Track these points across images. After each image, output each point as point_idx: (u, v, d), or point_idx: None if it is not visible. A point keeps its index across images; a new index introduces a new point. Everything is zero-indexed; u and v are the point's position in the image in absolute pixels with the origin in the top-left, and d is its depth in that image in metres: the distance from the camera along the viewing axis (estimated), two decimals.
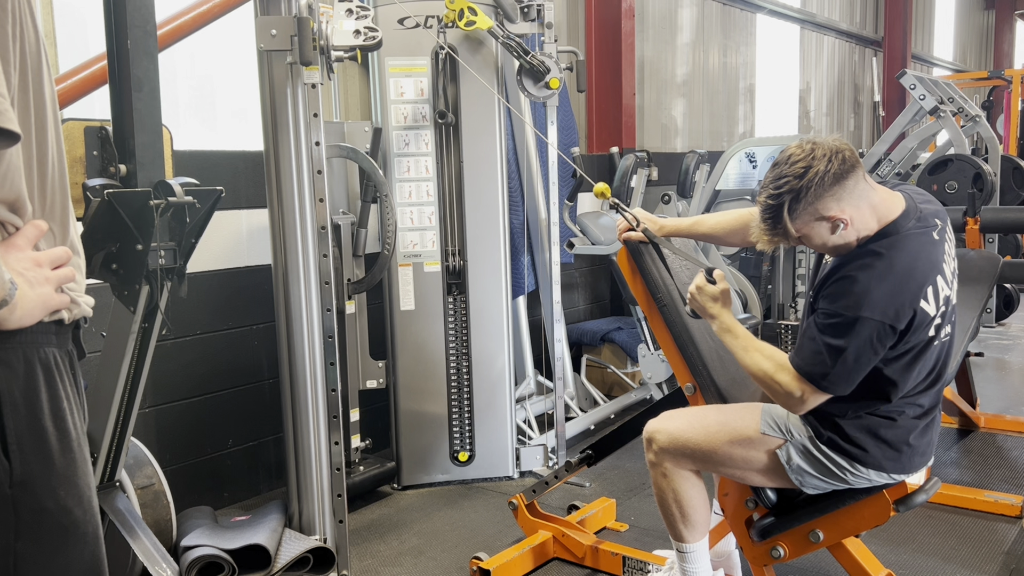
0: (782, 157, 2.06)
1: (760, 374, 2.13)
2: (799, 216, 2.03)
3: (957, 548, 3.01)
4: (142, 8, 2.20)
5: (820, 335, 2.02)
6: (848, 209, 2.01)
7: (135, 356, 2.39)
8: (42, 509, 1.16)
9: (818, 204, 2.00)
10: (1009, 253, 6.37)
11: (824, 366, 2.01)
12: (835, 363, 2.00)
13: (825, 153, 2.00)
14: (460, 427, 3.75)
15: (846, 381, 2.03)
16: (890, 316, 1.96)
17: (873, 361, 2.01)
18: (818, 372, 2.03)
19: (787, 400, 2.10)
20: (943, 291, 2.04)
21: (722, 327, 2.24)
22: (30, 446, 1.14)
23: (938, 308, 2.03)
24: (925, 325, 2.01)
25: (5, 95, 1.04)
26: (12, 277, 1.08)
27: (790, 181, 2.01)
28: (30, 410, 1.14)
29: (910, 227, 2.04)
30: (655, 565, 2.71)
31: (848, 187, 2.01)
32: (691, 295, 2.28)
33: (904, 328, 1.98)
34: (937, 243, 2.07)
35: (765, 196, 2.06)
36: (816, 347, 2.03)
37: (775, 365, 2.10)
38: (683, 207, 5.41)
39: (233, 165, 3.50)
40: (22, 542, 1.14)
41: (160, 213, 2.16)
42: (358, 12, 2.75)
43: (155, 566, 2.41)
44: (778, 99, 8.90)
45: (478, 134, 3.64)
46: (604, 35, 5.82)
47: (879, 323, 1.96)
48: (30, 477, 1.14)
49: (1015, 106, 9.56)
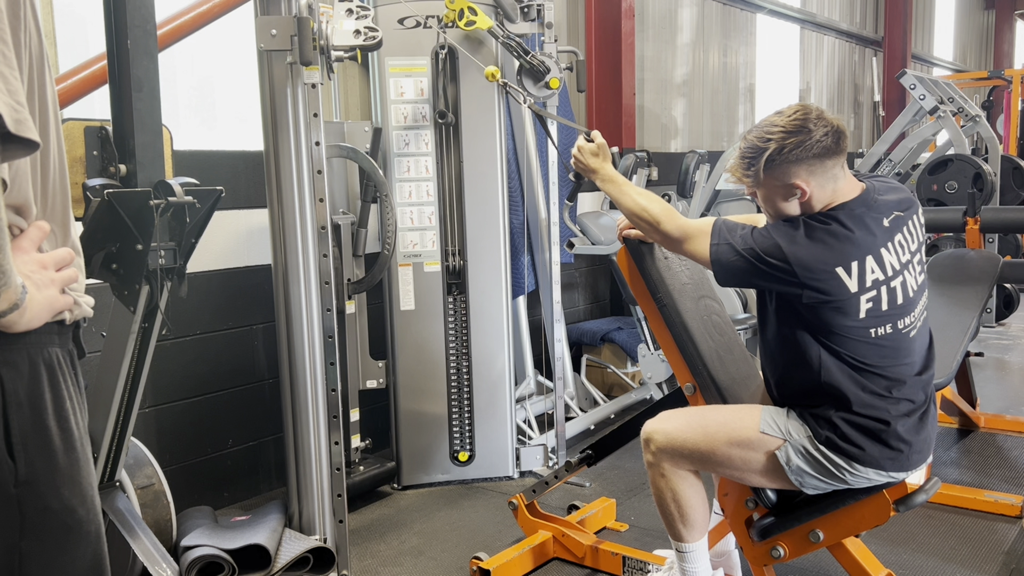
0: (787, 108, 2.12)
1: (637, 209, 2.28)
2: (774, 168, 2.08)
3: (957, 548, 3.01)
4: (142, 8, 2.21)
5: (752, 237, 2.10)
6: (813, 184, 2.08)
7: (135, 356, 2.39)
8: (46, 508, 1.17)
9: (793, 167, 2.06)
10: (1009, 253, 6.38)
11: (733, 253, 2.11)
12: (741, 259, 2.09)
13: (827, 125, 2.07)
14: (460, 427, 3.75)
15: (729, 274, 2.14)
16: (805, 273, 2.02)
17: (748, 282, 2.14)
18: (726, 245, 2.13)
19: (664, 237, 2.26)
20: (872, 273, 2.05)
21: (603, 178, 2.41)
22: (35, 446, 1.15)
23: (862, 287, 2.04)
24: (843, 299, 2.04)
25: (24, 104, 1.05)
26: (22, 281, 1.09)
27: (781, 133, 2.06)
28: (34, 410, 1.15)
29: (857, 211, 2.09)
30: (655, 565, 2.71)
31: (827, 166, 2.08)
32: (574, 156, 2.45)
33: (812, 287, 2.03)
34: (884, 230, 2.09)
35: (754, 135, 2.12)
36: (744, 235, 2.12)
37: (662, 208, 2.26)
38: (683, 207, 5.41)
39: (233, 165, 3.50)
40: (27, 541, 1.15)
41: (160, 213, 2.16)
42: (358, 12, 2.75)
43: (155, 566, 2.41)
44: (778, 99, 8.89)
45: (478, 134, 3.64)
46: (604, 35, 5.82)
47: (790, 270, 2.03)
48: (35, 477, 1.15)
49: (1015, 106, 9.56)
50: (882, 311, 2.08)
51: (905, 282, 2.11)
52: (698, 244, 2.18)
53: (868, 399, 2.11)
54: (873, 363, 2.10)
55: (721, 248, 2.14)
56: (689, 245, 2.21)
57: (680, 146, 7.03)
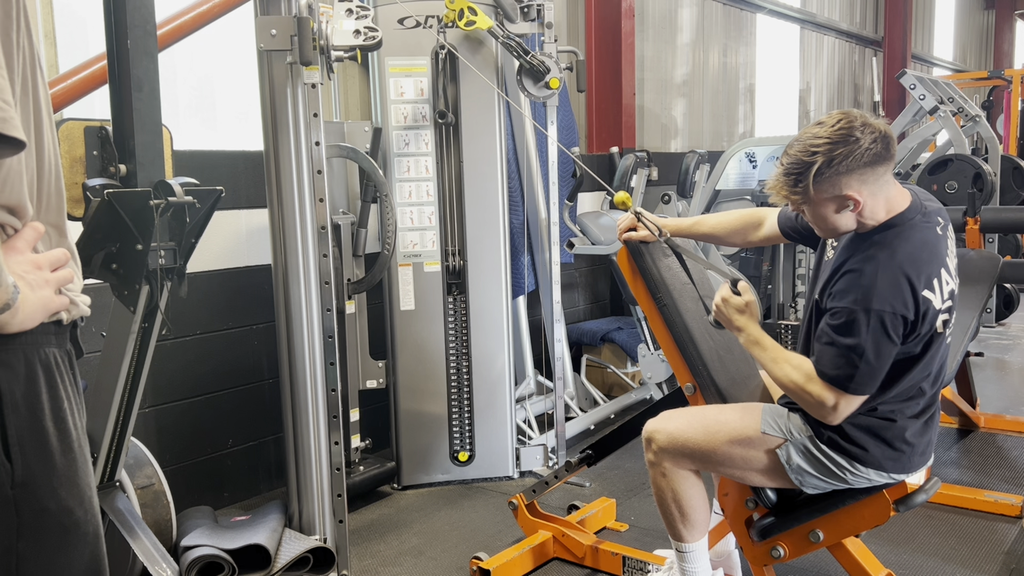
0: (828, 118, 2.01)
1: (791, 386, 2.10)
2: (823, 182, 1.98)
3: (957, 548, 3.00)
4: (142, 8, 2.20)
5: (836, 336, 1.99)
6: (866, 194, 1.99)
7: (135, 356, 2.39)
8: (43, 510, 1.16)
9: (845, 178, 1.97)
10: (1009, 253, 6.38)
11: (849, 367, 1.98)
12: (859, 363, 1.97)
13: (873, 131, 1.97)
14: (460, 427, 3.75)
15: (872, 378, 2.00)
16: (899, 306, 1.94)
17: (893, 352, 1.99)
18: (844, 375, 1.99)
19: (820, 411, 2.06)
20: (948, 284, 2.03)
21: (749, 339, 2.20)
22: (31, 447, 1.14)
23: (943, 300, 2.01)
24: (932, 316, 1.99)
25: (10, 103, 1.04)
26: (14, 281, 1.08)
27: (827, 144, 1.96)
28: (31, 411, 1.15)
29: (916, 220, 2.04)
30: (655, 565, 2.71)
31: (878, 173, 1.99)
32: (716, 307, 2.25)
33: (913, 317, 1.96)
34: (941, 237, 2.07)
35: (797, 150, 2.00)
36: (836, 351, 2.00)
37: (804, 376, 2.06)
38: (683, 207, 5.41)
39: (233, 165, 3.50)
40: (24, 542, 1.15)
41: (160, 213, 2.16)
42: (358, 12, 2.75)
43: (155, 566, 2.41)
44: (778, 99, 8.90)
45: (478, 134, 3.64)
46: (604, 35, 5.82)
47: (890, 314, 1.94)
48: (31, 478, 1.14)
49: (1015, 106, 9.55)
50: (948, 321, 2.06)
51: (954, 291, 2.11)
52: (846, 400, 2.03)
53: (883, 405, 2.10)
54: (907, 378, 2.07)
55: (857, 380, 1.99)
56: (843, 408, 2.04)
57: (680, 146, 7.03)
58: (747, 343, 2.21)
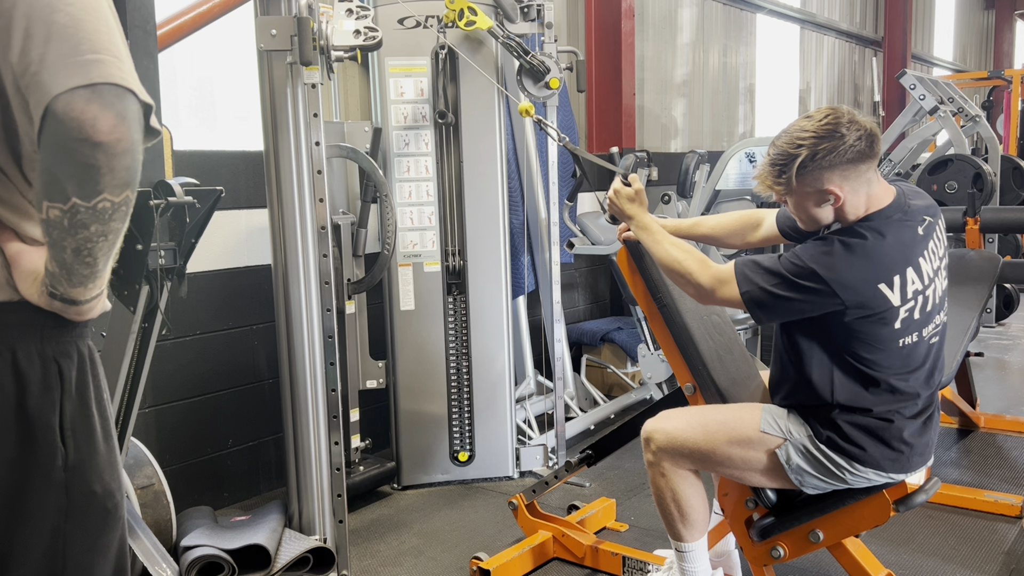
0: (817, 113, 2.05)
1: (670, 261, 2.21)
2: (806, 175, 2.02)
3: (957, 548, 3.01)
4: (142, 8, 2.21)
5: (781, 267, 2.04)
6: (847, 190, 2.03)
7: (135, 356, 2.39)
8: (91, 492, 1.23)
9: (827, 172, 2.01)
10: (1009, 253, 6.38)
11: (764, 294, 2.05)
12: (775, 298, 2.04)
13: (859, 129, 2.01)
14: (460, 427, 3.75)
15: (768, 313, 2.08)
16: (848, 293, 1.98)
17: (800, 309, 2.05)
18: (755, 288, 2.06)
19: (697, 289, 2.16)
20: (912, 284, 2.04)
21: (639, 225, 2.33)
22: (82, 432, 1.22)
23: (904, 299, 2.03)
24: (884, 310, 2.01)
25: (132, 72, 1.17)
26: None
27: (813, 138, 2.00)
28: (82, 398, 1.22)
29: (894, 217, 2.06)
30: (655, 565, 2.71)
31: (860, 171, 2.03)
32: (609, 200, 2.37)
33: (855, 305, 2.00)
34: (920, 238, 2.08)
35: (783, 141, 2.05)
36: (755, 265, 2.06)
37: (695, 260, 2.16)
38: (683, 207, 5.40)
39: (233, 165, 3.50)
40: (72, 523, 1.22)
41: (160, 213, 2.16)
42: (358, 12, 2.75)
43: (155, 566, 2.41)
44: (778, 99, 8.90)
45: (478, 134, 3.64)
46: (604, 35, 5.82)
47: (831, 292, 1.99)
48: (80, 462, 1.22)
49: (1015, 106, 9.55)
50: (914, 320, 2.07)
51: (935, 289, 2.12)
52: (730, 291, 2.11)
53: (877, 406, 2.10)
54: (891, 371, 2.08)
55: (752, 293, 2.07)
56: (722, 294, 2.13)
57: (680, 146, 7.03)
58: (636, 229, 2.34)
